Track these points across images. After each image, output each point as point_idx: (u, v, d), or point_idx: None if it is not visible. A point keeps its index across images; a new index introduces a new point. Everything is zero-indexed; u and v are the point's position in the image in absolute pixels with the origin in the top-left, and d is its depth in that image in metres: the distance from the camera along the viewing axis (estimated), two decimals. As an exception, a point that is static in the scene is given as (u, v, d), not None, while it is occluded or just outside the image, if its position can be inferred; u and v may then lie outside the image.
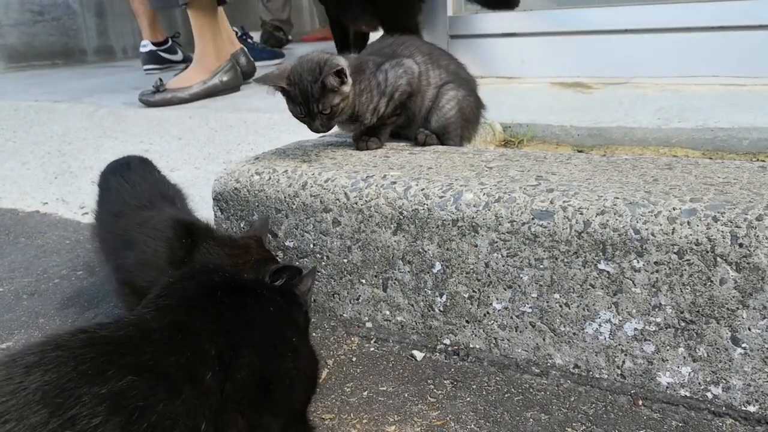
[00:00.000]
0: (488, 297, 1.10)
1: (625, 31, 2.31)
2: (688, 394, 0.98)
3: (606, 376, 1.04)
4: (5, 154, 2.56)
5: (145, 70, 3.85)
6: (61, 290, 1.51)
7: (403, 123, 1.47)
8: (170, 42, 3.97)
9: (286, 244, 1.30)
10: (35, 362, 0.66)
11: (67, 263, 1.66)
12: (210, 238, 1.17)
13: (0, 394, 0.63)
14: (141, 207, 1.22)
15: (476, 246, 1.09)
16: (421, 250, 1.15)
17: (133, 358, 0.71)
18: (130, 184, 1.27)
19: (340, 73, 1.27)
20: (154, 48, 3.86)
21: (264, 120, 2.26)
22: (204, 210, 1.44)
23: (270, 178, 1.30)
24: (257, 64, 3.48)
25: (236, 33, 3.89)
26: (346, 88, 1.29)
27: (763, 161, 1.53)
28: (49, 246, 1.79)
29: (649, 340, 0.99)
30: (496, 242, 1.07)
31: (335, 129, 1.51)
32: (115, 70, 4.31)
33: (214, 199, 1.37)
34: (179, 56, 4.02)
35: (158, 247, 1.12)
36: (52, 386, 0.64)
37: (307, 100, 1.27)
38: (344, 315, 1.28)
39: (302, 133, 2.05)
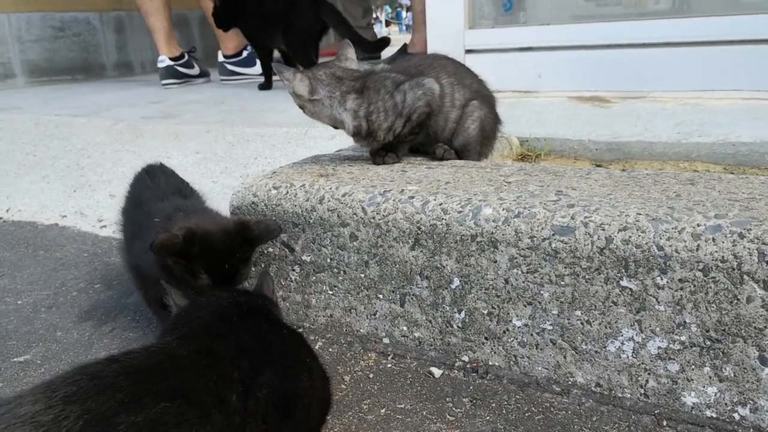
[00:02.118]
0: (508, 313, 1.09)
1: (644, 45, 2.29)
2: (714, 415, 0.96)
3: (629, 395, 1.01)
4: (25, 167, 2.59)
5: (163, 84, 3.89)
6: (79, 303, 1.51)
7: (423, 140, 1.46)
8: (187, 57, 4.00)
9: (303, 258, 1.29)
10: (73, 392, 0.68)
11: (84, 276, 1.67)
12: (181, 215, 1.18)
13: (41, 424, 0.64)
14: (157, 199, 1.29)
15: (495, 262, 1.08)
16: (439, 265, 1.14)
17: (166, 385, 0.73)
18: (152, 179, 1.37)
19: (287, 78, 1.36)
20: (171, 63, 3.89)
21: (281, 134, 2.27)
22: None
23: (287, 192, 1.29)
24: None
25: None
26: (296, 101, 1.38)
27: (787, 176, 1.50)
28: (67, 259, 1.80)
29: (674, 359, 0.97)
30: (516, 258, 1.05)
31: (352, 143, 1.51)
32: (133, 84, 4.35)
33: (231, 213, 1.37)
34: (196, 71, 4.06)
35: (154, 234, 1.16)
36: (92, 415, 0.66)
37: None
38: (361, 330, 1.26)
39: (318, 147, 2.06)
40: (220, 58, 3.96)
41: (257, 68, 3.89)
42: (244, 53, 3.94)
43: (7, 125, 2.94)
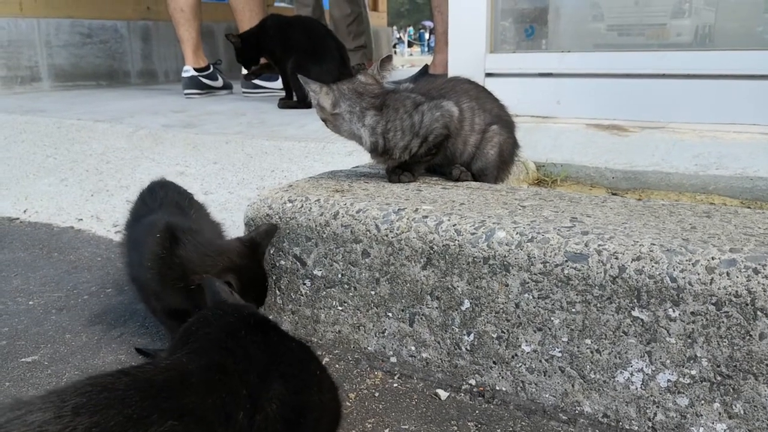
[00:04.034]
0: (517, 338, 1.08)
1: (663, 76, 2.29)
2: (722, 452, 0.94)
3: (636, 427, 1.00)
4: (45, 169, 2.63)
5: (186, 94, 3.94)
6: (90, 307, 1.52)
7: (441, 162, 1.47)
8: (212, 68, 4.05)
9: (315, 272, 1.29)
10: (83, 404, 0.68)
11: (97, 280, 1.68)
12: (189, 237, 1.21)
13: None
14: (152, 212, 1.33)
15: (507, 285, 1.07)
16: (450, 286, 1.13)
17: (174, 402, 0.73)
18: (151, 195, 1.40)
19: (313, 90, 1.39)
20: (195, 73, 3.94)
21: (298, 148, 2.28)
22: (235, 234, 1.45)
23: (302, 206, 1.30)
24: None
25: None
26: (320, 114, 1.40)
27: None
28: (81, 262, 1.82)
29: (683, 393, 0.96)
30: (528, 283, 1.05)
31: (368, 160, 1.51)
32: (156, 93, 4.41)
33: (245, 224, 1.38)
34: (219, 83, 4.10)
35: (145, 245, 1.21)
36: (100, 428, 0.66)
37: None
38: (369, 348, 1.26)
39: (335, 162, 2.07)
40: (244, 71, 4.00)
41: (279, 83, 3.92)
42: None
43: (30, 127, 2.99)
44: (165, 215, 1.28)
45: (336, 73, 3.29)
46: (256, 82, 4.01)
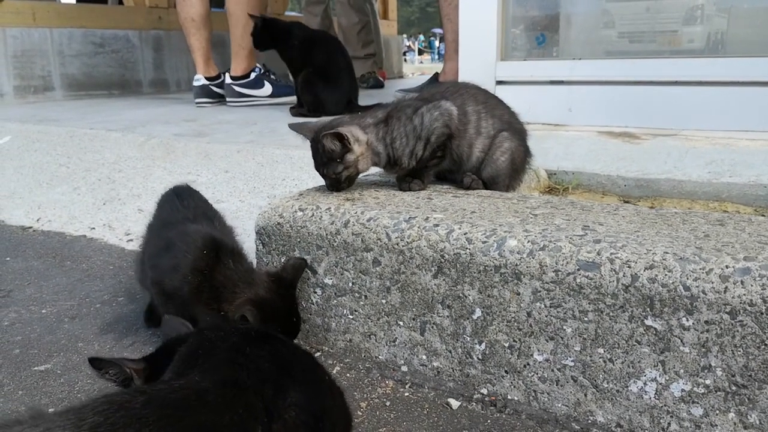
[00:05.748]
0: (529, 347, 1.08)
1: (676, 83, 2.28)
2: (738, 464, 0.93)
3: (650, 438, 0.99)
4: (58, 178, 2.65)
5: (197, 103, 3.96)
6: (102, 315, 1.53)
7: (450, 167, 1.47)
8: (222, 77, 4.07)
9: (325, 281, 1.29)
10: (101, 422, 0.69)
11: (109, 288, 1.69)
12: (230, 260, 1.23)
13: None
14: (186, 220, 1.33)
15: (519, 294, 1.07)
16: (461, 295, 1.13)
17: (192, 419, 0.73)
18: (180, 200, 1.40)
19: (339, 139, 1.33)
20: (206, 82, 3.96)
21: (309, 157, 2.28)
22: (246, 243, 1.45)
23: (313, 214, 1.30)
24: (280, 99, 3.78)
25: (260, 69, 3.94)
26: (351, 157, 1.35)
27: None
28: (93, 270, 1.83)
29: (697, 403, 0.95)
30: (540, 291, 1.05)
31: (378, 169, 1.51)
32: (167, 102, 4.44)
33: (256, 233, 1.39)
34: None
35: (186, 255, 1.22)
36: None
37: (316, 159, 1.38)
38: (380, 357, 1.26)
39: (346, 171, 2.07)
40: (228, 80, 3.91)
41: (265, 90, 3.89)
42: (252, 75, 3.89)
43: (43, 137, 3.02)
44: (206, 228, 1.29)
45: (346, 95, 3.32)
46: (242, 90, 3.94)
